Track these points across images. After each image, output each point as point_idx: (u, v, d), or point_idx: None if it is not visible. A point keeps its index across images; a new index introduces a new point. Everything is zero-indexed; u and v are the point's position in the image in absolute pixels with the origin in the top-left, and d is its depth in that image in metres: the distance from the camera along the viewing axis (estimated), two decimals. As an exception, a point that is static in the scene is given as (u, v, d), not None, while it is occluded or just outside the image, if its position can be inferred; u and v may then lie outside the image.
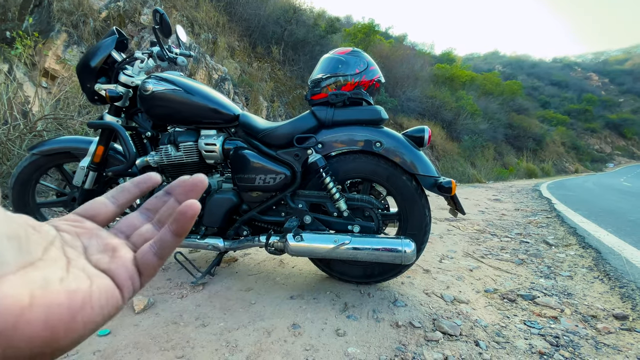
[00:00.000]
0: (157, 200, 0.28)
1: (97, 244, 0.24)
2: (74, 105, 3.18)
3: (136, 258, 0.24)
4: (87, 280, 0.21)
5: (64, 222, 0.24)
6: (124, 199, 0.27)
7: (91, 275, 0.21)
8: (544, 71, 46.66)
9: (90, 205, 0.26)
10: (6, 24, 4.08)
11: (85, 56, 1.44)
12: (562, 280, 1.69)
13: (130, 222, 0.27)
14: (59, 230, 0.23)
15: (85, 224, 0.25)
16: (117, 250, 0.24)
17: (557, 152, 21.95)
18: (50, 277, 0.19)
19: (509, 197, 5.61)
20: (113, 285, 0.22)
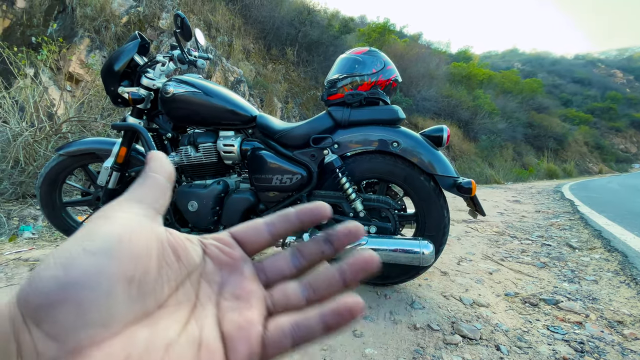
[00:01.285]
0: (313, 247, 0.22)
1: (236, 283, 0.20)
2: (97, 107, 3.29)
3: (268, 333, 0.19)
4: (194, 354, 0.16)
5: (215, 243, 0.21)
6: (281, 229, 0.22)
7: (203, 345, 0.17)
8: (565, 68, 45.13)
9: (246, 229, 0.22)
10: (32, 29, 4.27)
11: (109, 60, 1.49)
12: (587, 285, 1.63)
13: (278, 264, 0.22)
14: (206, 254, 0.20)
15: (235, 252, 0.21)
16: (252, 308, 0.19)
17: (579, 152, 21.18)
18: (157, 341, 0.15)
19: (529, 199, 5.45)
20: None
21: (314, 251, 0.22)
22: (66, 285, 0.14)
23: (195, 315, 0.18)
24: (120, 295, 0.15)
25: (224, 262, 0.21)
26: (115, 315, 0.14)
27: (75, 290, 0.14)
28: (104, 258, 0.15)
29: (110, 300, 0.14)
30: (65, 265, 0.14)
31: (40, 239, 2.05)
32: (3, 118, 2.76)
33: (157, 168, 0.20)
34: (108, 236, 0.15)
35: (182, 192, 1.42)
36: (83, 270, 0.14)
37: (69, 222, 1.78)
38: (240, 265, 0.21)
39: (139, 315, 0.15)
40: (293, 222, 0.22)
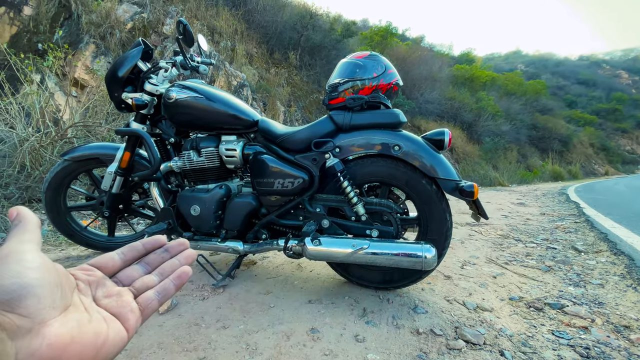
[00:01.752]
0: (156, 257, 0.34)
1: (103, 291, 0.30)
2: (101, 113, 3.33)
3: (140, 302, 0.30)
4: (104, 323, 0.27)
5: (79, 271, 0.30)
6: (130, 256, 0.33)
7: (107, 319, 0.27)
8: (569, 70, 44.81)
9: (101, 259, 0.32)
10: (38, 36, 4.34)
11: (114, 66, 1.51)
12: (593, 289, 1.61)
13: (130, 274, 0.33)
14: (76, 278, 0.29)
15: (96, 273, 0.31)
16: (122, 295, 0.30)
17: (585, 153, 20.97)
18: (82, 319, 0.25)
19: (533, 201, 5.41)
20: (122, 329, 0.28)
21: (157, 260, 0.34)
22: (26, 286, 0.22)
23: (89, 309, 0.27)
24: (56, 292, 0.24)
25: (90, 280, 0.30)
26: (57, 304, 0.23)
27: (32, 288, 0.22)
28: (41, 271, 0.23)
29: (52, 295, 0.23)
30: (20, 276, 0.22)
31: (45, 243, 2.07)
32: (10, 123, 2.80)
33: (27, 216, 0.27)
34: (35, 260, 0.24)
35: (184, 197, 1.43)
36: (31, 278, 0.22)
37: (74, 227, 1.79)
38: (102, 281, 0.30)
39: (65, 307, 0.24)
40: (140, 250, 0.34)
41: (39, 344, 0.21)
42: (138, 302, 0.30)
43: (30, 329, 0.21)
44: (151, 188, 1.56)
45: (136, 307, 0.30)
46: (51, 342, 0.21)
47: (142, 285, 0.32)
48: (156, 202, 1.55)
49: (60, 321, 0.23)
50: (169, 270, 0.34)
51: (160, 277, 0.33)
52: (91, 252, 1.90)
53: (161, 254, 0.34)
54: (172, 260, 0.34)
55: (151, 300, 0.31)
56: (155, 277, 0.33)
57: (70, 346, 0.22)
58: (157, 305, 0.31)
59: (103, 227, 2.36)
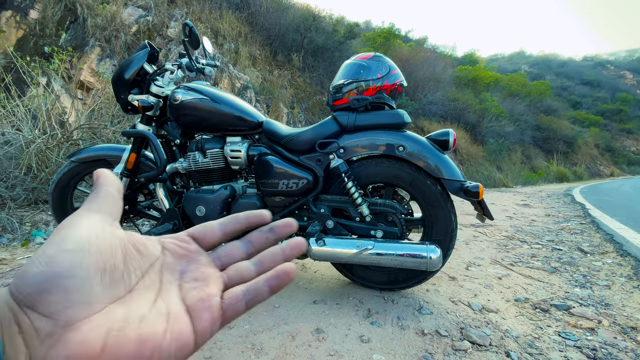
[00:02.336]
0: (260, 235, 0.29)
1: (194, 269, 0.25)
2: (107, 115, 3.36)
3: (225, 300, 0.24)
4: (164, 321, 0.21)
5: (172, 241, 0.26)
6: (232, 229, 0.28)
7: (170, 316, 0.21)
8: (574, 70, 44.56)
9: (201, 228, 0.27)
10: (44, 39, 4.39)
11: (120, 69, 1.52)
12: (599, 290, 1.60)
13: (230, 251, 0.28)
14: (165, 249, 0.25)
15: (191, 247, 0.26)
16: (209, 284, 0.24)
17: (590, 154, 20.81)
18: (132, 315, 0.20)
19: (538, 202, 5.37)
20: (189, 331, 0.21)
21: (261, 239, 0.29)
22: (52, 276, 0.17)
23: (162, 295, 0.22)
24: (96, 282, 0.19)
25: (182, 254, 0.25)
26: (94, 297, 0.18)
27: (60, 279, 0.17)
28: (77, 254, 0.18)
29: (88, 286, 0.18)
30: (48, 263, 0.18)
31: (51, 244, 2.08)
32: (16, 126, 2.83)
33: (107, 182, 0.24)
34: (78, 238, 0.19)
35: (190, 197, 1.44)
36: (62, 265, 0.18)
37: (80, 228, 1.80)
38: (197, 256, 0.26)
39: (114, 298, 0.19)
40: (242, 223, 0.29)
41: (57, 355, 0.16)
42: (223, 297, 0.24)
43: (51, 333, 0.16)
44: (157, 189, 1.57)
45: (217, 304, 0.23)
46: (70, 354, 0.16)
47: (236, 274, 0.26)
48: (162, 203, 1.56)
49: (95, 322, 0.18)
50: (269, 262, 0.27)
51: (258, 267, 0.27)
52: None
53: (266, 234, 0.29)
54: (276, 248, 0.28)
55: (237, 301, 0.24)
56: (252, 266, 0.27)
57: (99, 358, 0.17)
58: (243, 308, 0.24)
59: (108, 228, 2.37)
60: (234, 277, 0.26)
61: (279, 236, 0.29)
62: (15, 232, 2.14)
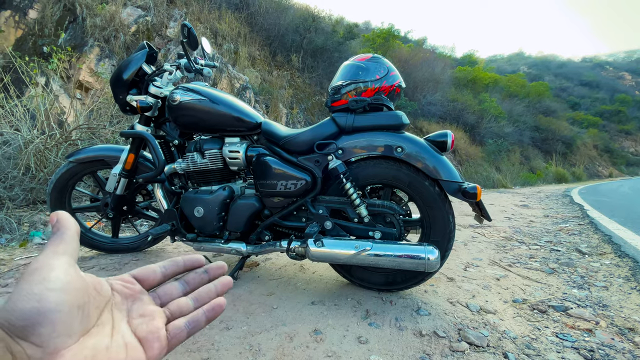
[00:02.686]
0: (195, 276, 0.34)
1: (139, 307, 0.29)
2: (106, 115, 3.35)
3: (170, 330, 0.29)
4: (124, 351, 0.25)
5: (118, 282, 0.29)
6: (171, 271, 0.33)
7: (128, 346, 0.26)
8: (572, 71, 44.62)
9: (143, 271, 0.31)
10: (43, 39, 4.38)
11: (118, 69, 1.52)
12: (597, 291, 1.60)
13: (169, 291, 0.32)
14: (113, 290, 0.28)
15: (135, 287, 0.30)
16: (155, 318, 0.29)
17: (588, 155, 20.85)
18: (99, 345, 0.24)
19: (537, 203, 5.38)
20: (143, 358, 0.26)
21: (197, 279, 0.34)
22: (44, 312, 0.20)
23: (115, 329, 0.26)
24: (75, 317, 0.22)
25: (127, 294, 0.29)
26: (74, 330, 0.22)
27: (50, 314, 0.21)
28: (61, 293, 0.22)
29: (70, 320, 0.22)
30: (39, 300, 0.21)
31: (49, 245, 2.08)
32: (15, 126, 2.82)
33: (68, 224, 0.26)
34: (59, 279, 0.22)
35: (188, 198, 1.44)
36: (50, 301, 0.21)
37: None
38: (140, 295, 0.30)
39: (85, 331, 0.23)
40: (180, 267, 0.33)
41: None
42: (168, 329, 0.29)
43: (40, 359, 0.20)
44: (155, 189, 1.57)
45: (164, 335, 0.28)
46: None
47: (177, 309, 0.31)
48: (160, 204, 1.56)
49: (74, 350, 0.21)
50: (204, 297, 0.33)
51: (196, 302, 0.32)
52: (95, 253, 1.91)
53: (201, 275, 0.34)
54: (209, 285, 0.34)
55: (180, 331, 0.29)
56: (190, 301, 0.32)
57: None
58: (185, 336, 0.29)
59: (107, 228, 2.37)
60: (175, 312, 0.31)
61: (213, 277, 0.34)
62: (14, 233, 2.13)
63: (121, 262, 1.76)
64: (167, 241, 2.15)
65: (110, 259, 1.81)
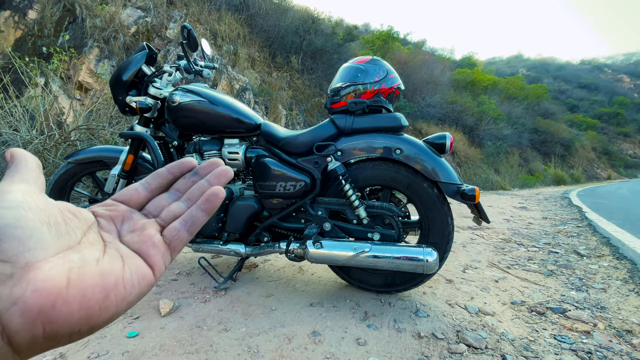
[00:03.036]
0: (186, 181, 0.30)
1: (128, 225, 0.27)
2: (105, 116, 3.35)
3: (166, 235, 0.27)
4: (120, 261, 0.23)
5: (100, 207, 0.27)
6: (156, 184, 0.30)
7: (125, 256, 0.24)
8: (571, 74, 44.79)
9: (124, 191, 0.29)
10: (42, 40, 4.38)
11: (118, 70, 1.53)
12: (595, 293, 1.60)
13: (159, 203, 0.29)
14: (96, 215, 0.26)
15: (119, 207, 0.28)
16: (146, 228, 0.26)
17: (587, 157, 20.90)
18: (87, 258, 0.21)
19: (535, 205, 5.39)
20: (145, 265, 0.24)
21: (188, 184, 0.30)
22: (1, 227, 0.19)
23: (109, 247, 0.24)
24: (44, 232, 0.20)
25: (113, 216, 0.27)
26: (47, 244, 0.20)
27: (9, 229, 0.19)
28: (20, 210, 0.20)
29: (38, 234, 0.20)
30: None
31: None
32: (14, 126, 2.82)
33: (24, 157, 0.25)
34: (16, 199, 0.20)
35: (187, 199, 1.44)
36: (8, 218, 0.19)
37: (77, 229, 1.80)
38: (129, 214, 0.27)
39: (65, 247, 0.21)
40: (165, 177, 0.30)
41: (22, 290, 0.18)
42: (164, 235, 0.27)
43: (12, 274, 0.18)
44: (154, 191, 1.56)
45: (159, 240, 0.26)
46: (37, 288, 0.18)
47: (169, 214, 0.28)
48: (159, 205, 1.56)
49: (53, 263, 0.19)
50: (197, 194, 0.29)
51: (189, 203, 0.29)
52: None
53: (191, 178, 0.30)
54: (202, 181, 0.30)
55: (178, 231, 0.27)
56: (182, 203, 0.29)
57: (65, 290, 0.19)
58: (186, 235, 0.27)
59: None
60: (167, 218, 0.28)
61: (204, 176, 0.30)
62: (12, 233, 2.13)
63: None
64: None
65: (108, 260, 1.80)
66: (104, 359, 0.98)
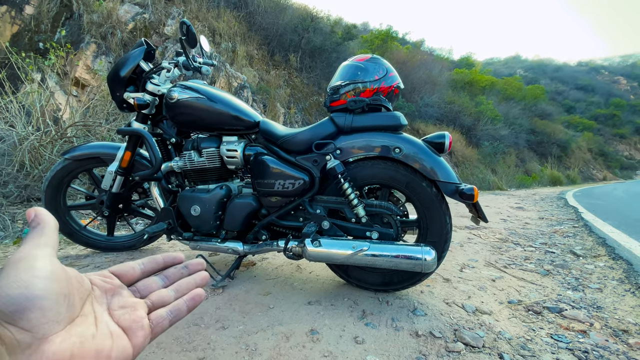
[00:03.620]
0: (176, 271, 0.35)
1: (118, 301, 0.30)
2: (102, 112, 3.33)
3: (152, 319, 0.30)
4: (110, 339, 0.26)
5: (97, 277, 0.30)
6: (150, 268, 0.34)
7: (113, 334, 0.27)
8: (568, 75, 45.00)
9: (121, 267, 0.32)
10: (39, 35, 4.35)
11: (116, 66, 1.51)
12: (591, 293, 1.61)
13: (148, 285, 0.33)
14: (93, 284, 0.29)
15: (114, 281, 0.31)
16: (137, 309, 0.29)
17: (583, 158, 21.03)
18: (86, 334, 0.24)
19: (532, 205, 5.42)
20: (129, 346, 0.27)
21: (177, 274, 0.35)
22: (32, 298, 0.21)
23: (99, 320, 0.27)
24: (62, 304, 0.23)
25: (107, 288, 0.30)
26: (61, 317, 0.22)
27: (38, 300, 0.21)
28: (48, 281, 0.22)
29: (57, 307, 0.22)
30: (27, 286, 0.21)
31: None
32: (10, 122, 2.79)
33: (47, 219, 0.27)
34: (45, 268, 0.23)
35: (185, 197, 1.43)
36: (38, 288, 0.21)
37: (73, 226, 1.79)
38: (119, 290, 0.30)
39: (70, 319, 0.24)
40: (159, 263, 0.34)
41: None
42: (150, 318, 0.30)
43: (30, 344, 0.20)
44: (151, 188, 1.56)
45: (147, 324, 0.29)
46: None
47: (158, 299, 0.32)
48: (156, 202, 1.55)
49: (62, 336, 0.22)
50: (184, 289, 0.34)
51: (176, 293, 0.33)
52: (90, 251, 1.90)
53: (180, 270, 0.35)
54: (189, 278, 0.35)
55: (163, 319, 0.30)
56: (171, 292, 0.33)
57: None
58: (167, 324, 0.31)
59: (102, 226, 2.35)
60: (156, 302, 0.32)
61: (192, 272, 0.35)
62: (7, 230, 2.11)
63: (116, 261, 1.75)
64: (163, 240, 2.14)
65: (105, 257, 1.79)
66: (101, 356, 0.97)
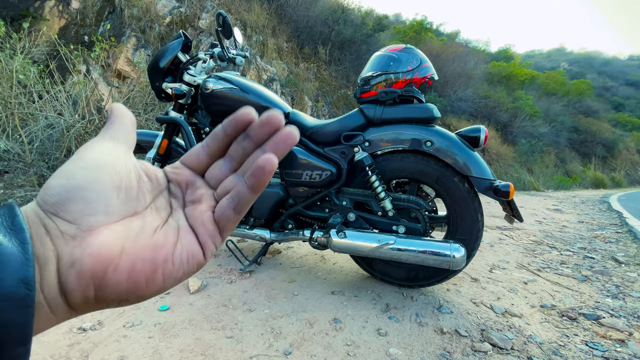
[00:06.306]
0: (237, 147, 0.27)
1: (191, 192, 0.26)
2: (141, 103, 3.50)
3: (215, 214, 0.25)
4: (175, 235, 0.23)
5: (173, 170, 0.27)
6: (215, 148, 0.27)
7: (181, 230, 0.24)
8: (618, 70, 41.58)
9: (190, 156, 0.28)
10: (84, 28, 4.62)
11: (156, 57, 1.58)
12: (632, 302, 1.51)
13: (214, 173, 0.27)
14: (168, 179, 0.26)
15: (183, 172, 0.27)
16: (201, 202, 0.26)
17: (631, 160, 19.44)
18: (147, 227, 0.22)
19: (571, 208, 5.11)
20: (196, 243, 0.24)
21: (239, 151, 0.27)
22: (72, 188, 0.19)
23: (173, 216, 0.24)
24: (113, 196, 0.21)
25: (180, 181, 0.27)
26: (113, 209, 0.20)
27: (79, 191, 0.19)
28: (94, 171, 0.20)
29: (105, 199, 0.20)
30: (68, 177, 0.20)
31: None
32: (58, 110, 3.01)
33: (122, 114, 0.25)
34: (93, 158, 0.21)
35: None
36: (80, 179, 0.20)
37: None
38: (192, 179, 0.27)
39: (131, 212, 0.22)
40: (221, 138, 0.27)
41: (81, 252, 0.19)
42: (214, 212, 0.25)
43: (75, 235, 0.19)
44: (185, 174, 1.62)
45: (209, 217, 0.25)
46: (93, 252, 0.19)
47: (222, 189, 0.26)
48: (190, 188, 1.62)
49: (113, 229, 0.20)
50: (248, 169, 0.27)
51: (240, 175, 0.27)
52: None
53: (242, 143, 0.27)
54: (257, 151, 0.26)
55: (224, 210, 0.25)
56: (235, 178, 0.27)
57: (118, 258, 0.20)
58: (232, 214, 0.25)
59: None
60: (220, 194, 0.27)
61: (258, 139, 0.26)
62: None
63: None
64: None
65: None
66: (138, 328, 1.05)
